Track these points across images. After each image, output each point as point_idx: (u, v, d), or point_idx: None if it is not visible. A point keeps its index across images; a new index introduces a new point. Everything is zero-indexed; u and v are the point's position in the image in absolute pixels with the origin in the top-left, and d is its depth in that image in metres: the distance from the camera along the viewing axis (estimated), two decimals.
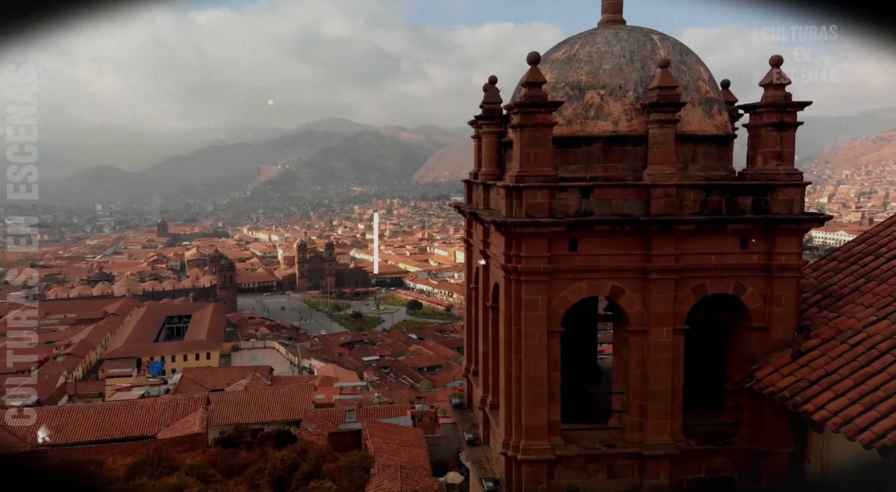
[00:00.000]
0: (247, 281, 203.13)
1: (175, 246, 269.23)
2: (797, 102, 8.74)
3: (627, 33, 9.53)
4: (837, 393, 7.76)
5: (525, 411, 8.60)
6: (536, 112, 8.38)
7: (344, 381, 79.18)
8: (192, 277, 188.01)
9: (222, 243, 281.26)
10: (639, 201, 8.58)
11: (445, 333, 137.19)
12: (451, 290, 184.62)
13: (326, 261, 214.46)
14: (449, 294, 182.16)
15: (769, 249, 8.73)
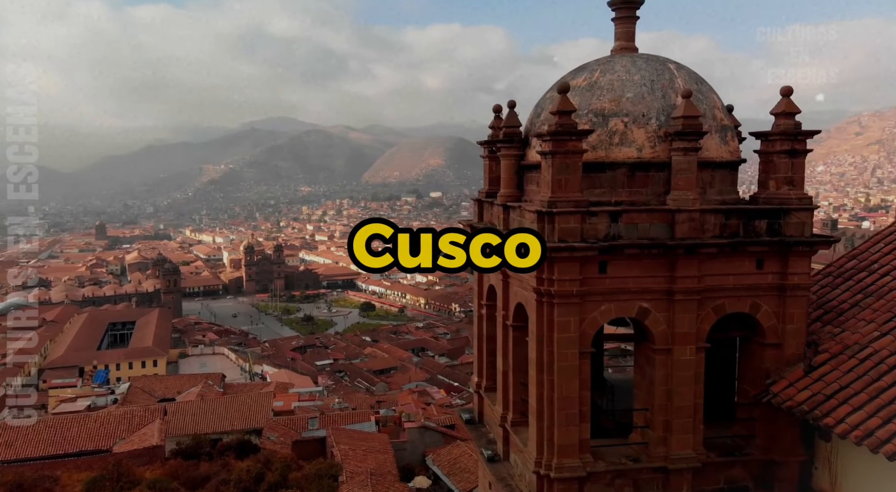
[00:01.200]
0: (192, 285, 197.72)
1: (114, 249, 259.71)
2: (807, 131, 9.29)
3: (645, 62, 9.91)
4: (854, 407, 8.30)
5: (557, 430, 8.85)
6: (568, 140, 8.64)
7: (299, 386, 78.15)
8: (133, 281, 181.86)
9: (164, 246, 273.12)
10: (664, 225, 8.96)
11: (400, 334, 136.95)
12: (404, 291, 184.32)
13: (275, 263, 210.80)
14: (402, 295, 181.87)
15: (782, 269, 9.25)
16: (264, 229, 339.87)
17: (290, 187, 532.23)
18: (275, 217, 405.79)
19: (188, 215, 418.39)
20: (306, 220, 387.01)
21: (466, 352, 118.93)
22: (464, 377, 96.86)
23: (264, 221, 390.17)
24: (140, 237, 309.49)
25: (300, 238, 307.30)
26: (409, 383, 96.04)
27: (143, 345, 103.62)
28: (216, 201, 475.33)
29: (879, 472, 8.59)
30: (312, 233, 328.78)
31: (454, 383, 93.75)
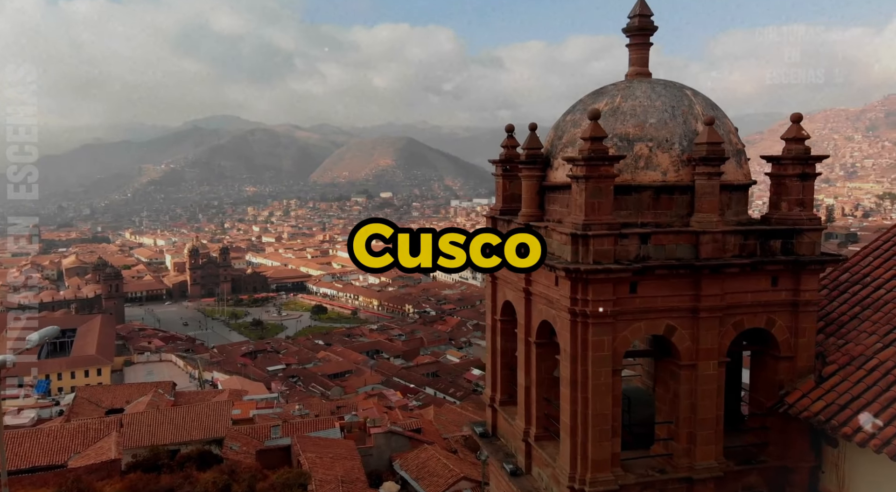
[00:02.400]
0: (134, 290, 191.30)
1: (50, 253, 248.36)
2: (816, 156, 9.89)
3: (664, 88, 10.34)
4: (869, 416, 8.88)
5: (591, 446, 9.15)
6: (600, 165, 8.95)
7: (253, 393, 76.79)
8: (72, 287, 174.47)
9: (103, 250, 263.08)
10: (689, 246, 9.38)
11: (353, 337, 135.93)
12: (356, 293, 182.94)
13: (221, 266, 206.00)
14: (354, 297, 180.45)
15: (795, 286, 9.81)
16: (208, 231, 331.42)
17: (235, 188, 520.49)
18: (219, 218, 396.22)
19: (127, 217, 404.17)
20: (252, 221, 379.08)
21: (421, 353, 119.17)
22: (420, 379, 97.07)
23: (208, 222, 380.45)
24: (76, 240, 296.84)
25: (246, 240, 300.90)
26: (364, 386, 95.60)
27: (85, 353, 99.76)
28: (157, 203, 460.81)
29: (885, 474, 9.23)
30: (259, 234, 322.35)
31: (410, 384, 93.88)
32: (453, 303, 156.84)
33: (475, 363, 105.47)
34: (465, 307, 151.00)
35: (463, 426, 58.94)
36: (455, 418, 62.91)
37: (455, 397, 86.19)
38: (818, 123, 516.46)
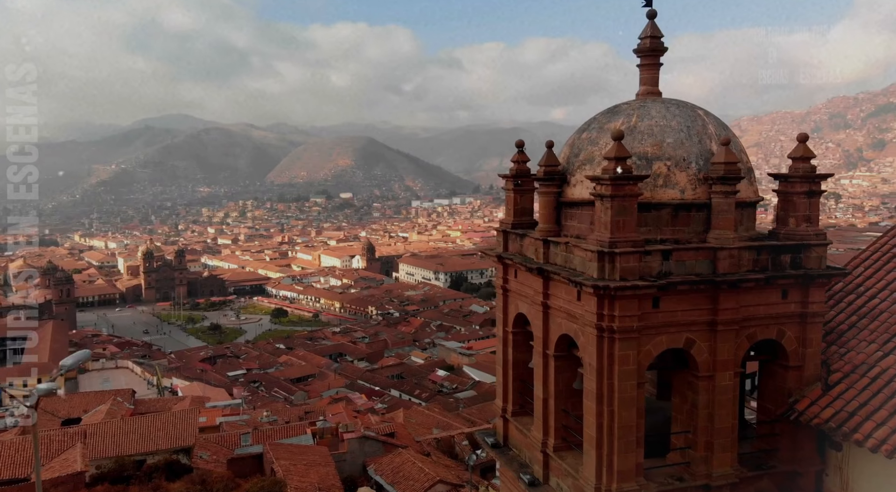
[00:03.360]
0: (86, 294, 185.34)
1: None
2: (822, 174, 10.38)
3: (677, 108, 10.72)
4: (878, 423, 9.39)
5: (617, 457, 9.43)
6: (625, 184, 9.23)
7: (215, 400, 75.42)
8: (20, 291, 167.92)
9: (52, 253, 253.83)
10: (707, 262, 9.76)
11: (316, 340, 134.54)
12: (317, 295, 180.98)
13: (176, 269, 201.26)
14: (316, 300, 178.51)
15: (804, 298, 10.29)
16: (161, 233, 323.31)
17: (189, 188, 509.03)
18: (172, 220, 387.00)
19: (76, 219, 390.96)
20: (207, 222, 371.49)
21: (385, 355, 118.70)
22: (384, 381, 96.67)
23: (161, 224, 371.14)
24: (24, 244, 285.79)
25: (202, 242, 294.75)
26: (328, 390, 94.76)
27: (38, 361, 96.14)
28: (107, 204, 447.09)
29: (888, 475, 9.77)
30: (215, 236, 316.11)
31: (375, 387, 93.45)
32: (417, 304, 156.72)
33: (440, 364, 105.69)
34: (429, 308, 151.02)
35: (434, 429, 59.04)
36: (424, 420, 62.91)
37: (421, 398, 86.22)
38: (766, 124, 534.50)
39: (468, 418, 67.37)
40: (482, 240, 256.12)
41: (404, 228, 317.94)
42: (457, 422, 63.60)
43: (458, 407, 76.28)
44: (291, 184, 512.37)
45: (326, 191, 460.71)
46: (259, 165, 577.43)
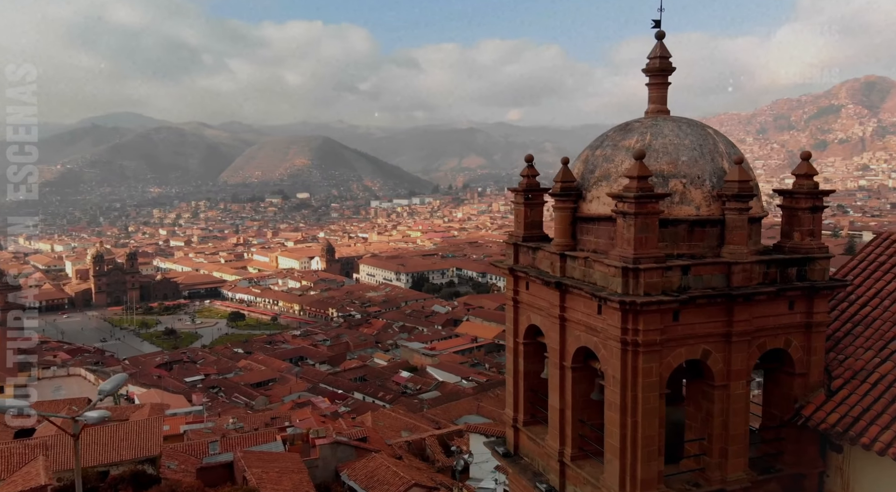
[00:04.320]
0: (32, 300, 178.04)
1: None
2: (825, 191, 10.92)
3: (688, 126, 11.12)
4: (882, 427, 9.96)
5: (640, 466, 9.75)
6: (648, 202, 9.56)
7: (175, 407, 73.79)
8: None
9: None
10: (722, 276, 10.18)
11: (275, 344, 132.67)
12: (275, 298, 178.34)
13: (128, 273, 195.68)
14: (274, 302, 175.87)
15: (808, 309, 10.81)
16: (111, 235, 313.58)
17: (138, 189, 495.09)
18: (122, 221, 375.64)
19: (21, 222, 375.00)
20: (158, 224, 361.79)
21: (348, 357, 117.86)
22: (347, 384, 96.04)
23: (110, 226, 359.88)
24: None
25: (153, 244, 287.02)
26: (290, 394, 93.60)
27: None
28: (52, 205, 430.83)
29: (888, 475, 10.36)
30: (167, 238, 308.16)
31: (338, 390, 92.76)
32: (378, 305, 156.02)
33: (403, 365, 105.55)
34: (391, 309, 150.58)
35: (402, 432, 58.97)
36: (392, 422, 62.76)
37: (385, 400, 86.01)
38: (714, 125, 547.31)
39: (433, 418, 67.55)
40: (443, 240, 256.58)
41: (364, 228, 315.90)
42: (423, 423, 63.71)
43: (423, 408, 76.41)
44: (246, 184, 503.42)
45: (282, 191, 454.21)
46: (211, 164, 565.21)
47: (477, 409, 72.72)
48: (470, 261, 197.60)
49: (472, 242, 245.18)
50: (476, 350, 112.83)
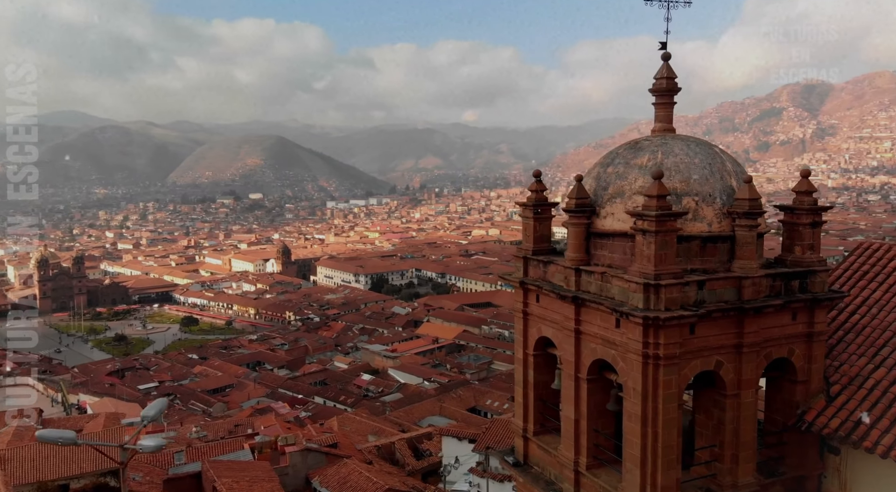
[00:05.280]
0: None
1: None
2: (824, 206, 11.52)
3: (696, 145, 11.58)
4: (882, 431, 10.57)
5: (661, 474, 10.13)
6: (668, 220, 9.93)
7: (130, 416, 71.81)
8: None
9: None
10: (733, 290, 10.64)
11: (231, 349, 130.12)
12: (230, 301, 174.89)
13: (75, 277, 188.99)
14: (228, 306, 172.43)
15: (810, 319, 11.39)
16: (55, 239, 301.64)
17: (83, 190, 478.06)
18: (66, 224, 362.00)
19: None
20: (105, 226, 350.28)
21: (307, 361, 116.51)
22: (307, 388, 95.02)
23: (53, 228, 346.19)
24: None
25: (100, 248, 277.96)
26: (248, 400, 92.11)
27: None
28: None
29: (883, 474, 11.00)
30: (114, 241, 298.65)
31: (298, 395, 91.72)
32: (337, 308, 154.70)
33: (364, 368, 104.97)
34: (350, 311, 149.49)
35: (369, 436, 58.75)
36: (358, 427, 62.46)
37: (346, 404, 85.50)
38: None
39: (396, 421, 67.50)
40: (401, 241, 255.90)
41: (320, 229, 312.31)
42: (387, 426, 63.59)
43: (385, 410, 76.22)
44: (196, 184, 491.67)
45: (234, 191, 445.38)
46: (160, 164, 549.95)
47: (440, 410, 72.99)
48: (429, 262, 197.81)
49: (431, 242, 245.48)
50: (437, 351, 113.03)
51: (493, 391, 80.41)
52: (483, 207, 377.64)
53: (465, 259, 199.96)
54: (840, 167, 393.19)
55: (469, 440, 43.53)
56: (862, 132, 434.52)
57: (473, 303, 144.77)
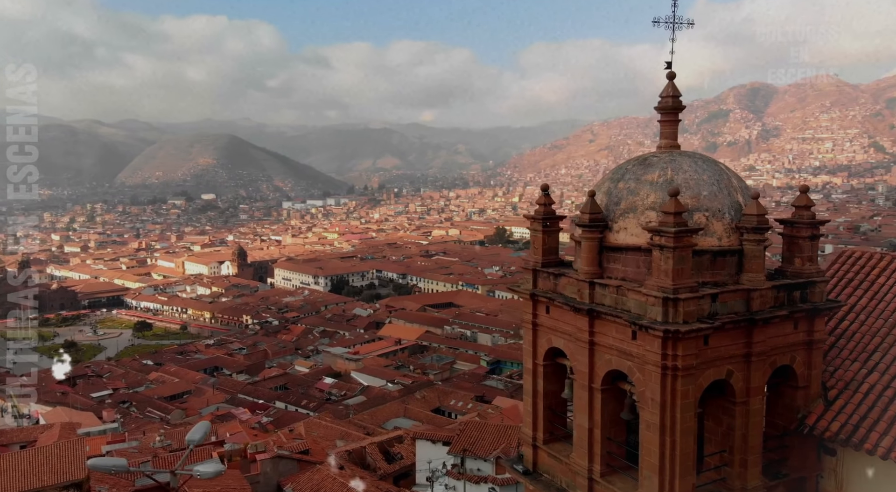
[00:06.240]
0: None
1: None
2: (822, 220, 12.12)
3: (703, 162, 12.05)
4: (881, 433, 11.20)
5: (679, 480, 10.52)
6: (685, 236, 10.32)
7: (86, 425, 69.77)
8: None
9: None
10: (742, 301, 11.12)
11: (188, 354, 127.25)
12: (184, 305, 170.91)
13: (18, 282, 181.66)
14: (182, 310, 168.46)
15: (810, 328, 11.97)
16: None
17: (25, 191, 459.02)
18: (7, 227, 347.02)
19: None
20: (50, 229, 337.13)
21: (267, 366, 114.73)
22: (268, 393, 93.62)
23: None
24: None
25: (46, 251, 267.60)
26: (207, 406, 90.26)
27: None
28: None
29: (877, 474, 11.65)
30: (60, 244, 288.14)
31: (258, 400, 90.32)
32: (296, 310, 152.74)
33: (326, 371, 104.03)
34: (310, 314, 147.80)
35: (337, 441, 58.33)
36: (325, 432, 61.95)
37: (309, 408, 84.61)
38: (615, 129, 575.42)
39: (361, 424, 67.18)
40: (361, 242, 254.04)
41: (276, 230, 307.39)
42: (353, 430, 63.27)
43: (349, 414, 75.75)
44: (146, 185, 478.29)
45: (186, 192, 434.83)
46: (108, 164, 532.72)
47: (404, 411, 72.95)
48: (390, 262, 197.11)
49: (391, 243, 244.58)
50: (400, 352, 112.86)
51: (457, 391, 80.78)
52: (442, 208, 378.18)
53: (426, 259, 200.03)
54: (784, 167, 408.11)
55: (443, 443, 43.69)
56: (805, 133, 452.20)
57: (435, 303, 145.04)
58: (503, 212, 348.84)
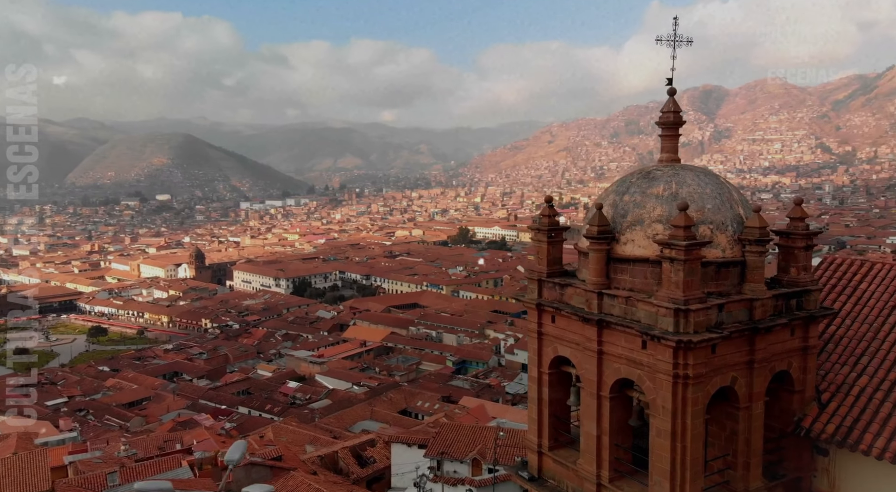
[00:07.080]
0: None
1: None
2: (816, 231, 12.65)
3: (705, 176, 12.45)
4: (875, 434, 11.77)
5: (689, 484, 10.89)
6: (695, 249, 10.68)
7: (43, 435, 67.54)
8: None
9: None
10: (745, 310, 11.56)
11: (145, 360, 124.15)
12: (140, 310, 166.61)
13: None
14: (139, 315, 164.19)
15: (805, 334, 12.50)
16: None
17: None
18: None
19: None
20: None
21: (228, 371, 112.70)
22: (230, 399, 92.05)
23: None
24: None
25: None
26: (168, 413, 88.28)
27: None
28: None
29: (869, 473, 12.25)
30: (8, 247, 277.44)
31: (221, 406, 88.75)
32: (258, 313, 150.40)
33: (290, 375, 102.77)
34: (272, 317, 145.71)
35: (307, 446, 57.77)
36: (294, 437, 61.24)
37: (273, 413, 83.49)
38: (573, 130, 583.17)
39: (327, 428, 66.65)
40: (324, 243, 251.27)
41: (235, 231, 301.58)
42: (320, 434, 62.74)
43: (315, 418, 75.03)
44: (97, 185, 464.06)
45: (140, 192, 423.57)
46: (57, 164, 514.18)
47: (371, 414, 72.59)
48: (353, 263, 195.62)
49: (354, 243, 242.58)
50: (365, 354, 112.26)
51: (424, 392, 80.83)
52: (405, 208, 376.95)
53: (390, 260, 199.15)
54: (735, 167, 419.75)
55: (419, 446, 43.71)
56: (755, 135, 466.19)
57: (400, 304, 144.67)
58: (466, 212, 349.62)
